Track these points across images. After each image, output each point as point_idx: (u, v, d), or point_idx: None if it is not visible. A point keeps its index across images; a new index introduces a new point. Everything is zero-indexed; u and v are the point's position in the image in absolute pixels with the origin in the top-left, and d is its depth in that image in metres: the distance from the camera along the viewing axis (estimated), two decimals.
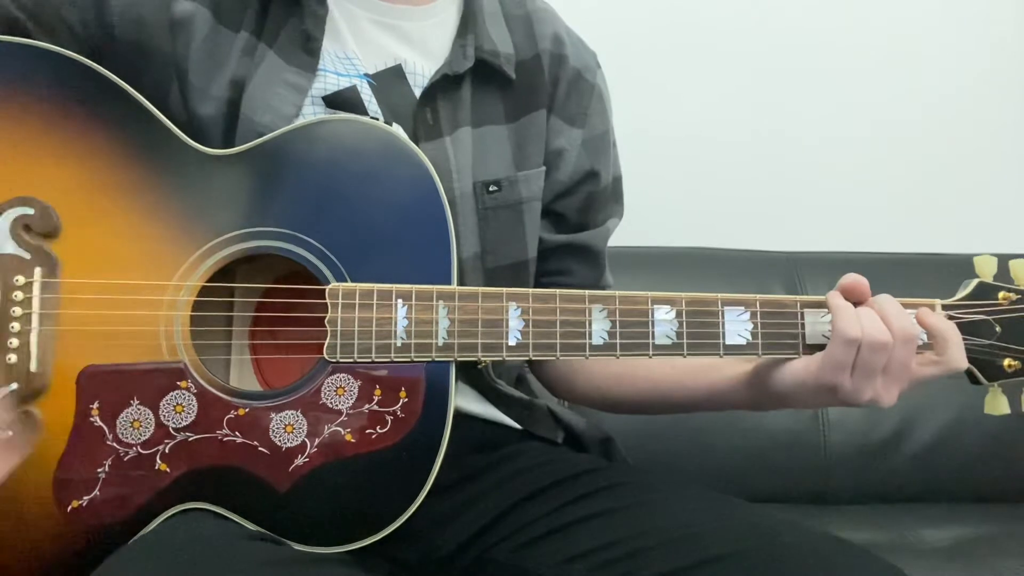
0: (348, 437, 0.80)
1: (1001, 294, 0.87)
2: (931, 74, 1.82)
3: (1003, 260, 0.88)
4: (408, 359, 0.81)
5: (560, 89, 1.01)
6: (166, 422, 0.80)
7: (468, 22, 0.97)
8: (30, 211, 0.80)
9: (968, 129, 1.83)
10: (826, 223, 1.79)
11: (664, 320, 0.83)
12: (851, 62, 1.81)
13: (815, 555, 0.77)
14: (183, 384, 0.80)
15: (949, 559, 1.33)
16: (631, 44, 1.72)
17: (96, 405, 0.79)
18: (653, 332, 0.83)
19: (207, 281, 0.82)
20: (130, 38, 0.89)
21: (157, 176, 0.82)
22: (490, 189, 0.95)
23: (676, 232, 1.66)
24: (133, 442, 0.79)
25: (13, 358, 0.79)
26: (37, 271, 0.80)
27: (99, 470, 0.79)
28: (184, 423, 0.80)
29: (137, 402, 0.80)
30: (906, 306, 0.83)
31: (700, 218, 1.77)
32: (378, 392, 0.81)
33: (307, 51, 0.91)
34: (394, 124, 0.91)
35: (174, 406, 0.80)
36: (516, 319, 0.82)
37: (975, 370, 0.86)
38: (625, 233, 1.19)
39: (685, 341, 0.83)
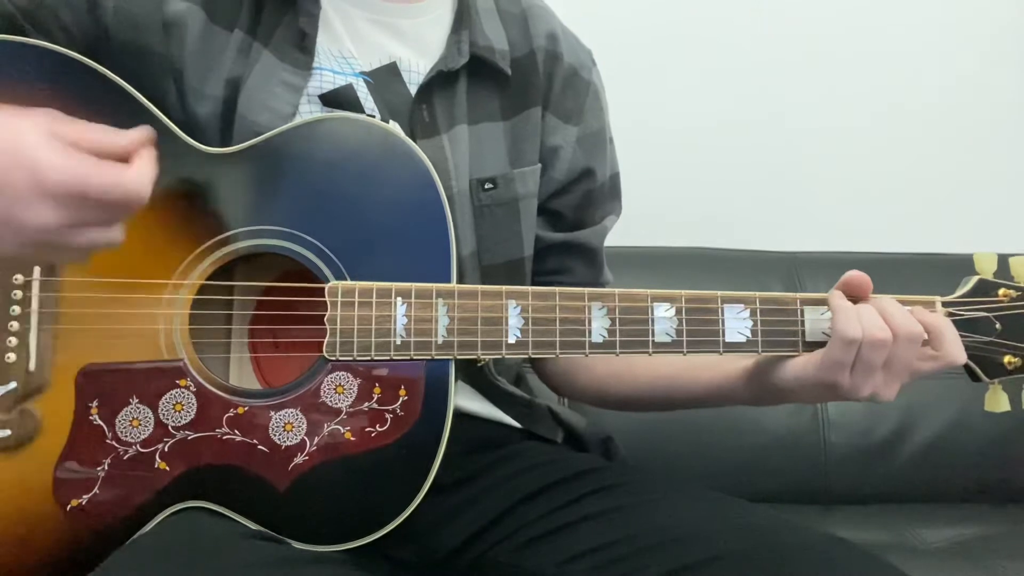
0: (348, 435, 0.80)
1: (1001, 291, 0.87)
2: (931, 74, 1.82)
3: (1003, 257, 0.88)
4: (407, 357, 0.81)
5: (555, 86, 1.01)
6: (165, 421, 0.80)
7: (463, 18, 0.97)
8: None
9: (968, 129, 1.83)
10: (826, 223, 1.79)
11: (664, 318, 0.83)
12: (852, 63, 1.81)
13: (815, 555, 0.77)
14: (182, 383, 0.80)
15: (949, 559, 1.32)
16: (629, 41, 1.72)
17: (95, 404, 0.79)
18: (653, 330, 0.83)
19: (206, 279, 0.82)
20: (124, 38, 0.88)
21: (156, 174, 0.82)
22: (486, 187, 0.95)
23: (676, 232, 1.65)
24: (132, 441, 0.79)
25: (12, 357, 0.79)
26: (36, 270, 0.80)
27: (98, 469, 0.79)
28: (183, 422, 0.80)
29: (136, 401, 0.80)
30: (905, 303, 0.83)
31: (700, 218, 1.77)
32: (377, 390, 0.81)
33: (302, 49, 0.91)
34: (391, 122, 0.91)
35: (173, 404, 0.80)
36: (516, 317, 0.82)
37: (975, 367, 0.86)
38: (625, 233, 1.19)
39: (685, 339, 0.83)
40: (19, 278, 0.80)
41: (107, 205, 0.67)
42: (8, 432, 0.79)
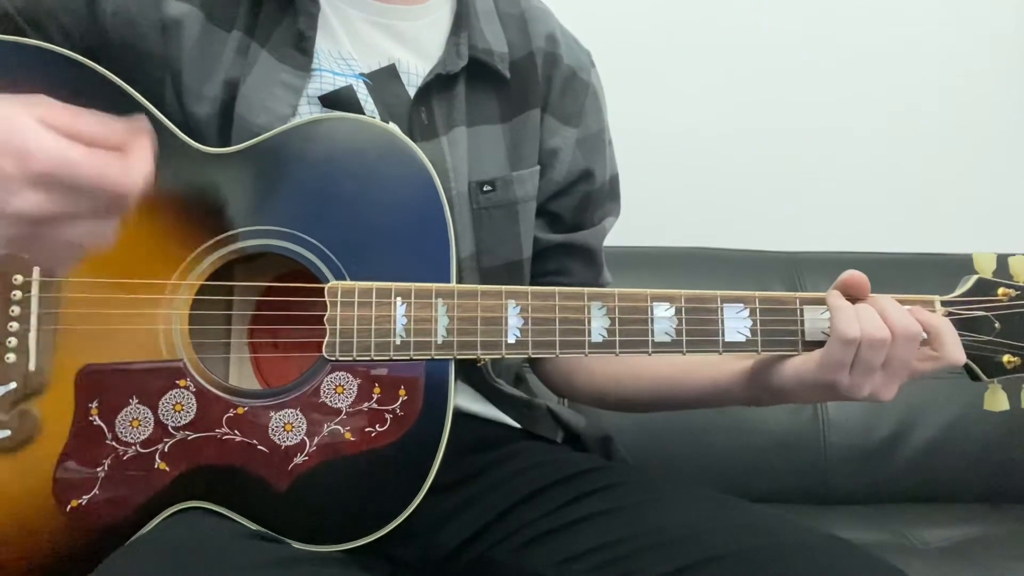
0: (347, 436, 0.80)
1: (1000, 290, 0.87)
2: (931, 74, 1.82)
3: (1002, 257, 0.88)
4: (407, 357, 0.81)
5: (554, 88, 1.01)
6: (165, 421, 0.80)
7: (462, 21, 0.97)
8: None
9: (968, 129, 1.83)
10: (826, 223, 1.79)
11: (663, 317, 0.83)
12: (852, 64, 1.80)
13: (815, 555, 0.77)
14: (182, 383, 0.80)
15: (949, 559, 1.32)
16: (628, 41, 1.72)
17: (95, 404, 0.79)
18: (652, 329, 0.83)
19: (206, 280, 0.82)
20: (123, 39, 0.88)
21: (155, 174, 0.82)
22: (484, 189, 0.95)
23: (676, 232, 1.65)
24: (132, 441, 0.79)
25: (11, 357, 0.79)
26: (36, 270, 0.80)
27: (98, 469, 0.79)
28: (183, 422, 0.80)
29: (136, 401, 0.80)
30: (905, 302, 0.83)
31: (700, 218, 1.77)
32: (377, 390, 0.81)
33: (300, 50, 0.90)
34: (391, 123, 0.91)
35: (173, 405, 0.80)
36: (515, 317, 0.82)
37: (975, 366, 0.86)
38: (625, 233, 1.19)
39: (684, 338, 0.83)
40: (19, 278, 0.80)
41: (98, 196, 0.63)
42: (8, 432, 0.79)
